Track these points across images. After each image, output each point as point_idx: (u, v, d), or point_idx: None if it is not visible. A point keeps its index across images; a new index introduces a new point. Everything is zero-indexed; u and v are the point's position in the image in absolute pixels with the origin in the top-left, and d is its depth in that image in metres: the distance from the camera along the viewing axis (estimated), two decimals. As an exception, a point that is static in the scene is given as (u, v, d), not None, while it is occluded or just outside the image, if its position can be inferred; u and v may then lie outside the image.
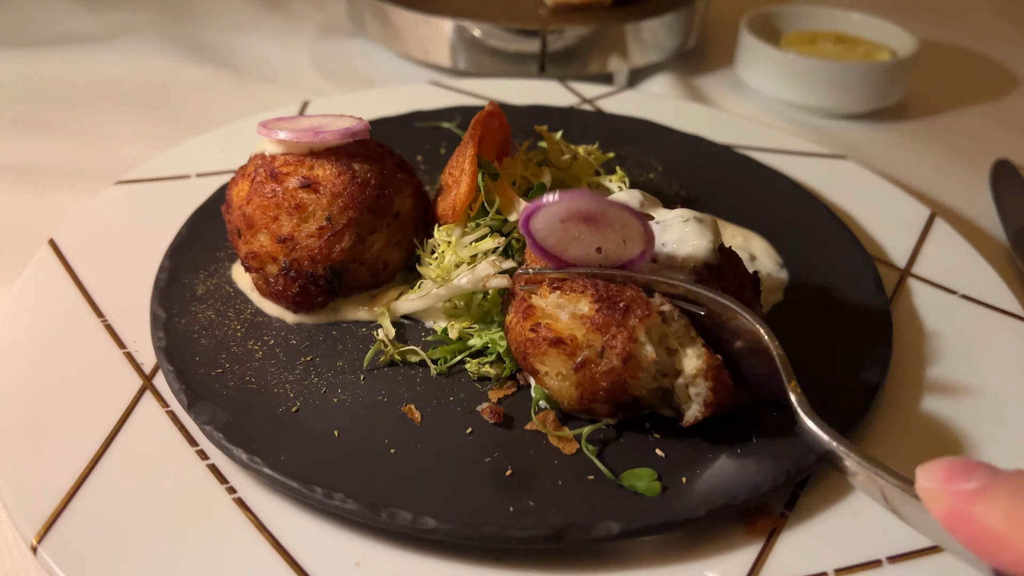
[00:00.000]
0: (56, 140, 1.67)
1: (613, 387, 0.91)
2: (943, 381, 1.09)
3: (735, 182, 1.45)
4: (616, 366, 0.89)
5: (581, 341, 0.91)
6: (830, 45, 1.93)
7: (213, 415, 0.96)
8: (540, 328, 0.93)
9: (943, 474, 0.63)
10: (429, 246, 1.15)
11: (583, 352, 0.91)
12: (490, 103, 1.18)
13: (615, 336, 0.89)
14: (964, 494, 0.61)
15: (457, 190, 1.11)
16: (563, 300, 0.93)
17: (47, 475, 0.91)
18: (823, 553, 0.88)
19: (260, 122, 1.10)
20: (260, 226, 1.08)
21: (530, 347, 0.94)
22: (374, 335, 1.09)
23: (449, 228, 1.12)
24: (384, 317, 1.11)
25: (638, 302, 0.91)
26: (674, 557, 0.87)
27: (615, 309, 0.90)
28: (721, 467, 0.94)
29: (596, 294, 0.92)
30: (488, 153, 1.17)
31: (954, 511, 0.61)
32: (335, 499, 0.87)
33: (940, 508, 0.63)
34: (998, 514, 0.58)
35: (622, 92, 1.76)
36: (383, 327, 1.10)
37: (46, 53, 1.99)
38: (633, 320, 0.89)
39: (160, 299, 1.13)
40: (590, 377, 0.91)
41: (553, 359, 0.93)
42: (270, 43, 2.12)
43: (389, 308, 1.12)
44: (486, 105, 1.18)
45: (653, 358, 0.90)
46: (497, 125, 1.23)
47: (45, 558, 0.83)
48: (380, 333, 1.09)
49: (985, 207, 1.56)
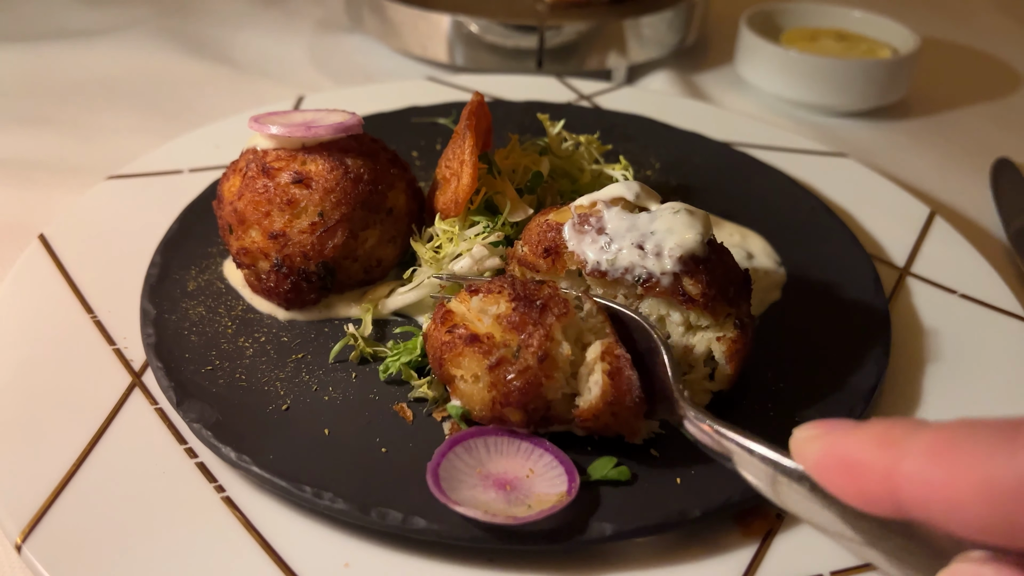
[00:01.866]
0: (50, 135, 1.65)
1: (527, 388, 0.86)
2: (942, 381, 1.08)
3: (734, 179, 1.44)
4: (532, 365, 0.86)
5: (498, 340, 0.88)
6: (831, 42, 1.92)
7: (202, 413, 0.95)
8: (457, 329, 0.91)
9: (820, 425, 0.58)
10: (427, 234, 1.14)
11: (499, 351, 0.88)
12: (475, 94, 1.17)
13: (532, 335, 0.87)
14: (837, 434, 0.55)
15: (458, 182, 1.10)
16: (481, 302, 0.91)
17: (33, 473, 0.90)
18: (819, 555, 0.87)
19: (252, 117, 1.09)
20: (252, 222, 1.07)
21: (446, 351, 0.90)
22: (345, 328, 1.08)
23: (451, 221, 1.10)
24: (368, 313, 1.10)
25: (555, 300, 0.89)
26: (668, 559, 0.86)
27: (532, 307, 0.88)
28: (716, 467, 0.91)
29: (513, 293, 0.90)
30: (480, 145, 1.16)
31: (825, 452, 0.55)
32: (324, 498, 0.86)
33: (812, 454, 0.57)
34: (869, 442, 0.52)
35: (620, 89, 1.75)
36: (362, 322, 1.09)
37: (41, 48, 1.98)
38: (550, 318, 0.88)
39: (150, 295, 1.12)
40: (504, 377, 0.87)
41: (468, 360, 0.89)
42: (267, 38, 2.11)
43: (379, 305, 1.11)
44: (473, 96, 1.17)
45: (568, 355, 0.87)
46: (481, 114, 1.22)
47: (29, 557, 0.82)
48: (351, 327, 1.07)
49: (985, 206, 1.54)
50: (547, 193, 1.23)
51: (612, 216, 0.97)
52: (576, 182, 1.27)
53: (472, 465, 0.88)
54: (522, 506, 0.85)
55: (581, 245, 0.97)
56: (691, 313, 0.97)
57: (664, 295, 0.95)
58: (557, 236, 0.99)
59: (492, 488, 0.87)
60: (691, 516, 0.87)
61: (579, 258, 0.97)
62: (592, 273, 0.96)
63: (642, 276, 0.94)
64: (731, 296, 0.97)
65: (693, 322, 0.98)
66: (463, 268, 1.07)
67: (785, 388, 1.03)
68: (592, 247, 0.96)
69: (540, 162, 1.23)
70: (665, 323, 0.99)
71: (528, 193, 1.18)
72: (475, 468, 0.88)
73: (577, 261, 0.97)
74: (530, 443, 0.91)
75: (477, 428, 0.91)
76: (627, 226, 0.97)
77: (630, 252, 0.95)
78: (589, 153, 1.31)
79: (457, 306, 0.93)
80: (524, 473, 0.89)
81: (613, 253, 0.95)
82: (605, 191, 1.02)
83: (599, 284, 0.98)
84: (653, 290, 0.94)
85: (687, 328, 0.98)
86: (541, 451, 0.91)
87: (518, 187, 1.18)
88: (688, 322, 0.98)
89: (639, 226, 0.96)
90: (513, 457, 0.90)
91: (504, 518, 0.82)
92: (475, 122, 1.13)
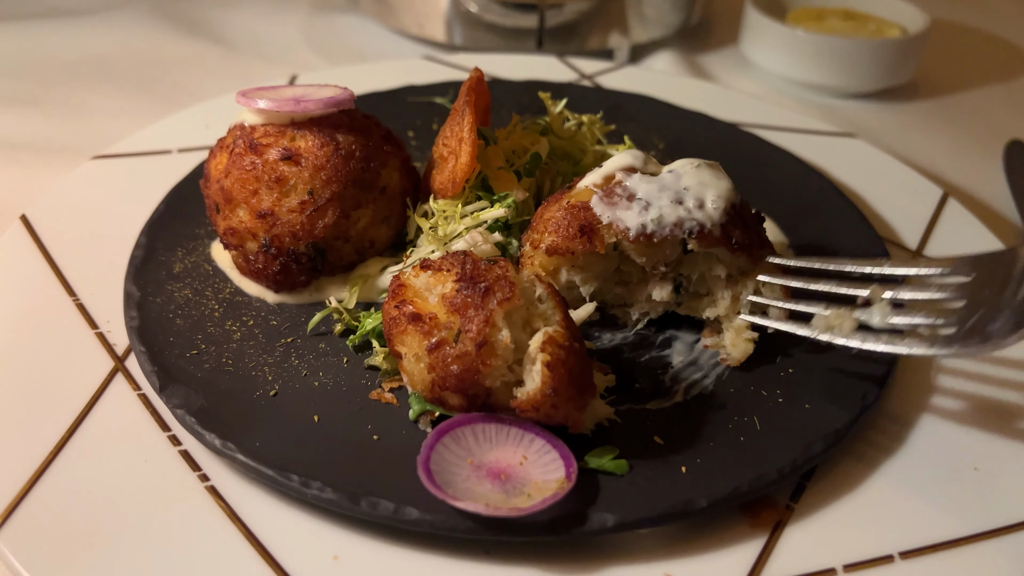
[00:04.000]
0: (39, 115, 1.61)
1: (464, 375, 0.82)
2: (955, 367, 1.04)
3: (741, 160, 1.39)
4: (469, 351, 0.82)
5: (442, 322, 0.84)
6: (838, 22, 1.87)
7: (186, 398, 0.91)
8: (403, 305, 0.87)
9: None
10: (421, 209, 1.10)
11: (439, 333, 0.84)
12: (475, 69, 1.13)
13: (472, 319, 0.83)
14: None
15: (456, 161, 1.06)
16: (431, 280, 0.88)
17: (8, 461, 0.86)
18: (831, 548, 0.83)
19: (239, 91, 1.05)
20: (239, 201, 1.03)
21: (393, 326, 0.87)
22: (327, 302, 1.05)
23: (451, 200, 1.07)
24: (355, 288, 1.06)
25: (501, 284, 0.85)
26: (673, 551, 0.82)
27: (475, 290, 0.84)
28: (723, 456, 0.88)
29: (460, 273, 0.86)
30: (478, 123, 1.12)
31: None
32: (312, 488, 0.82)
33: None
34: None
35: (623, 68, 1.70)
36: (347, 295, 1.05)
37: (29, 27, 1.94)
38: (492, 303, 0.83)
39: (135, 277, 1.08)
40: (442, 360, 0.83)
41: (411, 338, 0.85)
42: (261, 17, 2.06)
43: (368, 284, 1.07)
44: (472, 72, 1.12)
45: (507, 343, 0.83)
46: (483, 93, 1.17)
47: (2, 549, 0.78)
48: (332, 300, 1.04)
49: (998, 188, 1.50)
50: (546, 176, 1.19)
51: (637, 181, 0.96)
52: (578, 163, 1.23)
53: (462, 456, 0.84)
54: (521, 495, 0.81)
55: (617, 214, 0.95)
56: (738, 260, 0.97)
57: (717, 244, 0.95)
58: (587, 214, 0.96)
59: (486, 479, 0.82)
60: (697, 506, 0.83)
61: (618, 227, 0.95)
62: (637, 239, 0.94)
63: (693, 229, 0.94)
64: (763, 237, 0.99)
65: (739, 270, 0.99)
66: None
67: (795, 374, 0.99)
68: (629, 214, 0.95)
69: (540, 142, 1.19)
70: (706, 280, 1.00)
71: (527, 176, 1.14)
72: (465, 458, 0.84)
73: (617, 231, 0.95)
74: (519, 428, 0.86)
75: (463, 416, 0.87)
76: (657, 188, 0.96)
77: (673, 209, 0.94)
78: (592, 133, 1.26)
79: (411, 280, 0.89)
80: (517, 460, 0.85)
81: (656, 213, 0.94)
82: (612, 163, 1.00)
83: (642, 251, 0.97)
84: (705, 241, 0.94)
85: (730, 279, 0.99)
86: (532, 436, 0.86)
87: (516, 169, 1.14)
88: (732, 271, 0.99)
89: (669, 185, 0.96)
90: (503, 444, 0.86)
91: (508, 510, 0.78)
92: (474, 99, 1.09)
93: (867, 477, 0.90)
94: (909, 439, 0.95)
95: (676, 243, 0.96)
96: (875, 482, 0.90)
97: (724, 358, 1.01)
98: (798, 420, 0.93)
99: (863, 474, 0.91)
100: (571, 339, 0.84)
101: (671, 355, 1.02)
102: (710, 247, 0.96)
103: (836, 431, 0.91)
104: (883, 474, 0.91)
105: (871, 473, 0.91)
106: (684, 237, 0.94)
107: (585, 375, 0.85)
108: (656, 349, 1.03)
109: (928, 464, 0.92)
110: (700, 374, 0.99)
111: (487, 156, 1.11)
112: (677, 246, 0.97)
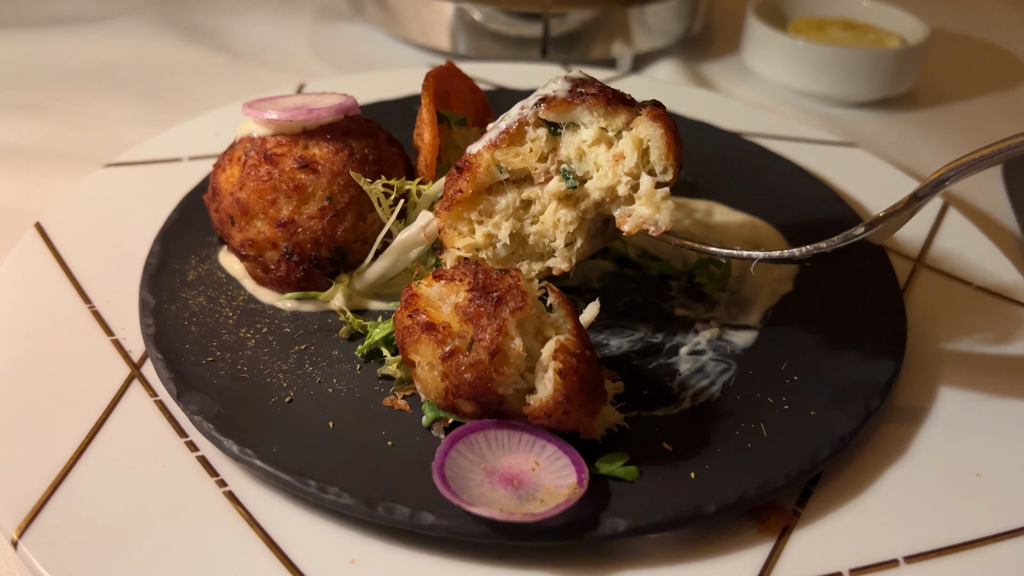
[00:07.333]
0: (48, 123, 1.62)
1: (478, 382, 0.84)
2: (959, 375, 1.06)
3: (743, 169, 1.41)
4: (483, 359, 0.84)
5: (455, 331, 0.86)
6: (839, 32, 1.89)
7: (203, 405, 0.93)
8: (417, 314, 0.89)
9: None
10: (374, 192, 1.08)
11: (453, 342, 0.86)
12: (447, 62, 1.17)
13: (485, 328, 0.85)
14: None
15: (422, 144, 1.09)
16: (444, 289, 0.89)
17: (29, 466, 0.87)
18: (837, 552, 0.85)
19: (245, 103, 1.06)
20: (256, 211, 1.04)
21: (406, 335, 0.89)
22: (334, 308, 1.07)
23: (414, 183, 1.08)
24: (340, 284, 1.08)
25: (513, 293, 0.86)
26: (682, 556, 0.84)
27: (488, 300, 0.86)
28: (731, 462, 0.90)
29: (473, 283, 0.88)
30: (457, 109, 1.16)
31: None
32: (330, 493, 0.84)
33: None
34: None
35: (626, 77, 1.72)
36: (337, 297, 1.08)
37: (38, 34, 1.95)
38: (505, 312, 0.85)
39: (149, 285, 1.09)
40: (456, 369, 0.85)
41: (424, 347, 0.87)
42: (267, 26, 2.08)
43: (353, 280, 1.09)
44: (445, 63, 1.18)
45: (519, 351, 0.85)
46: (465, 87, 1.20)
47: (26, 553, 0.79)
48: (336, 303, 1.07)
49: (996, 198, 1.52)
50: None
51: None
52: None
53: (475, 461, 0.86)
54: (534, 501, 0.82)
55: (483, 139, 0.98)
56: (601, 116, 0.94)
57: (567, 104, 0.94)
58: (464, 157, 0.99)
59: (500, 484, 0.84)
60: (706, 512, 0.85)
61: (484, 145, 0.97)
62: (500, 143, 0.96)
63: (539, 101, 0.96)
64: (627, 99, 0.96)
65: (609, 126, 0.95)
66: (410, 235, 1.04)
67: (800, 381, 1.01)
68: (492, 133, 0.98)
69: None
70: (586, 155, 0.96)
71: None
72: (479, 464, 0.86)
73: (485, 149, 0.97)
74: (531, 434, 0.88)
75: (476, 422, 0.88)
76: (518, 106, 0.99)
77: (523, 103, 0.98)
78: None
79: (423, 289, 0.91)
80: (529, 466, 0.86)
81: (507, 116, 0.98)
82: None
83: (514, 153, 0.97)
84: (553, 104, 0.95)
85: (604, 136, 0.95)
86: (543, 442, 0.88)
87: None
88: (605, 128, 0.95)
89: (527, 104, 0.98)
90: (515, 450, 0.88)
91: (522, 515, 0.79)
92: (436, 84, 1.12)
93: (872, 482, 0.92)
94: (912, 445, 0.97)
95: (538, 127, 0.96)
96: (880, 487, 0.92)
97: (654, 230, 0.94)
98: (804, 427, 0.94)
99: (868, 479, 0.92)
100: (582, 347, 0.86)
101: (678, 363, 1.04)
102: (561, 109, 0.95)
103: (841, 438, 0.93)
104: (887, 480, 0.92)
105: (876, 479, 0.92)
106: (533, 109, 0.95)
107: (596, 382, 0.86)
108: (663, 356, 1.05)
109: (931, 469, 0.94)
110: (707, 381, 1.01)
111: (461, 136, 1.15)
112: (542, 134, 0.96)
